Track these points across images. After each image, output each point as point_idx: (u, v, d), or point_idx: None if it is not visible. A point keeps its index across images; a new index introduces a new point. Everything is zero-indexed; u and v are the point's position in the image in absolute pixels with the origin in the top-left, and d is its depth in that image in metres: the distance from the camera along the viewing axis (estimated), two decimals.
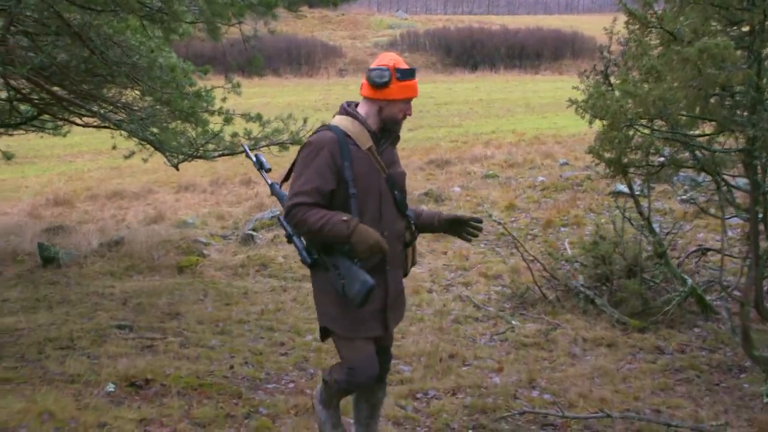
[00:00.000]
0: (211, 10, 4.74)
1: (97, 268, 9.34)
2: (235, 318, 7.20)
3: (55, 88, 8.70)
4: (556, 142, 20.16)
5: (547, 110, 27.66)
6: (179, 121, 7.98)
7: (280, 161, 7.51)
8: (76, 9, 7.73)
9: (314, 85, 39.14)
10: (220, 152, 7.92)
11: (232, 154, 8.02)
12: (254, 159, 4.25)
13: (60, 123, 10.57)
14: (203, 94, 8.17)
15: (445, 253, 9.36)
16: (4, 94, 9.36)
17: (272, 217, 10.86)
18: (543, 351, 6.35)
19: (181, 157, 7.50)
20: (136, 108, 8.41)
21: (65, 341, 6.48)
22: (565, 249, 8.75)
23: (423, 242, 9.66)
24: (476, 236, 4.21)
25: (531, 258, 7.95)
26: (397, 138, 4.07)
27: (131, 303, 7.75)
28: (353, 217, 3.69)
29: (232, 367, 5.88)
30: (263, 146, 7.98)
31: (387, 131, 3.94)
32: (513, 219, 10.75)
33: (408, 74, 3.84)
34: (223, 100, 8.33)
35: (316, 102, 31.02)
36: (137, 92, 8.21)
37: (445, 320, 7.07)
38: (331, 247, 3.75)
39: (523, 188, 12.57)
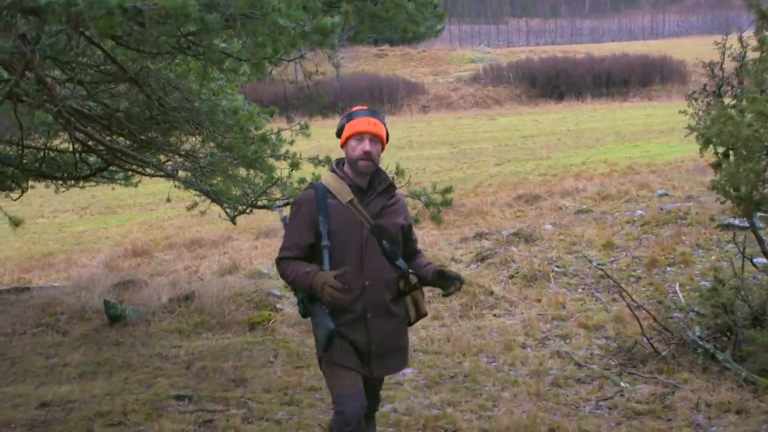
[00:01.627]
0: (254, 42, 4.10)
1: (165, 326, 8.77)
2: (306, 384, 6.46)
3: (119, 138, 8.30)
4: (651, 171, 19.09)
5: (638, 138, 26.48)
6: (243, 169, 7.36)
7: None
8: (131, 53, 7.27)
9: (397, 123, 38.61)
10: (286, 200, 7.25)
11: None
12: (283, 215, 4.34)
13: (129, 173, 10.16)
14: (269, 137, 7.56)
15: (539, 301, 8.47)
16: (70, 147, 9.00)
17: None
18: (659, 421, 5.41)
19: (240, 208, 6.84)
20: (200, 155, 7.87)
21: (117, 416, 5.86)
22: (675, 293, 7.79)
23: (514, 289, 8.81)
24: (453, 293, 4.19)
25: (637, 305, 7.04)
26: (390, 187, 4.19)
27: (195, 367, 7.11)
28: (319, 267, 3.89)
29: None
30: None
31: (376, 183, 4.11)
32: (612, 259, 9.79)
33: (355, 113, 4.05)
34: (291, 143, 7.71)
35: (399, 140, 30.48)
36: (199, 139, 7.65)
37: (542, 383, 6.19)
38: (313, 295, 3.91)
39: (621, 224, 11.57)
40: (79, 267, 14.84)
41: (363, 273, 3.95)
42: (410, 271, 4.18)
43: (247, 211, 7.05)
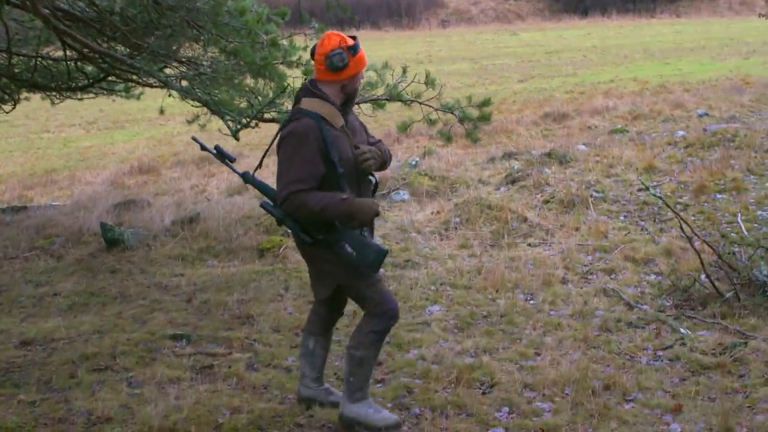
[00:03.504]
0: None
1: (167, 251, 8.02)
2: None
3: (117, 46, 7.48)
4: (685, 90, 18.13)
5: (668, 56, 25.39)
6: (250, 78, 6.48)
7: (375, 122, 5.96)
8: None
9: (415, 38, 37.42)
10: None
11: None
12: (214, 151, 4.26)
13: (130, 85, 9.35)
14: (281, 43, 6.68)
15: (578, 229, 7.63)
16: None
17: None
18: (731, 377, 4.63)
19: (244, 121, 5.97)
20: (203, 63, 7.01)
21: (105, 359, 5.13)
22: (734, 224, 6.97)
23: (549, 216, 7.98)
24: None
25: (692, 236, 6.23)
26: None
27: (197, 300, 6.36)
28: (348, 193, 3.91)
29: (309, 407, 4.40)
30: (360, 102, 6.41)
31: (348, 102, 4.12)
32: (655, 183, 8.93)
33: (357, 47, 3.98)
34: (304, 49, 6.82)
35: (418, 54, 29.44)
36: (201, 45, 6.78)
37: (589, 326, 5.41)
38: (332, 224, 3.92)
39: (661, 145, 10.69)
40: (83, 184, 14.10)
41: (361, 194, 4.06)
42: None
43: (252, 124, 6.19)
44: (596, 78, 21.32)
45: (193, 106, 6.71)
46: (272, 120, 6.42)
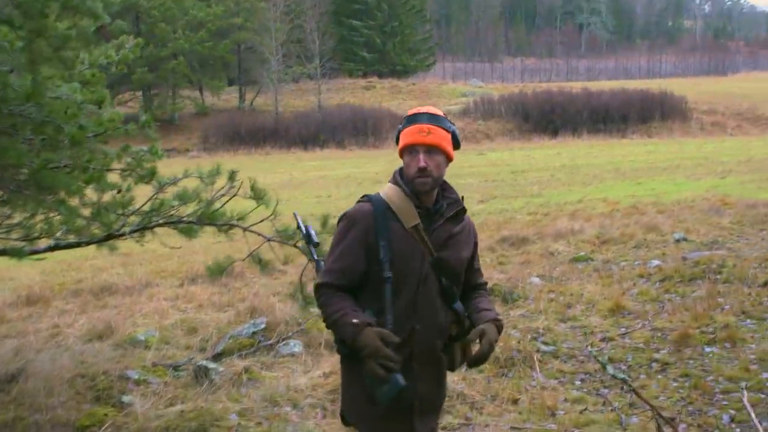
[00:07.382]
0: None
1: None
2: None
3: None
4: (659, 211, 16.39)
5: (640, 175, 23.91)
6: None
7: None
8: None
9: (379, 157, 35.98)
10: (62, 242, 4.31)
11: (94, 242, 4.42)
12: (303, 230, 3.64)
13: None
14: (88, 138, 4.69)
15: (516, 402, 5.50)
16: None
17: (254, 332, 7.19)
18: None
19: None
20: None
21: None
22: (740, 401, 4.89)
23: (479, 381, 5.85)
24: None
25: (670, 420, 4.13)
26: (461, 211, 3.27)
27: None
28: (369, 319, 3.03)
29: None
30: (155, 225, 4.38)
31: (445, 205, 3.24)
32: (623, 331, 6.89)
33: (410, 119, 3.21)
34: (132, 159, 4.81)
35: (377, 174, 27.90)
36: None
37: None
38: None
39: (632, 278, 8.70)
40: None
41: (415, 315, 3.12)
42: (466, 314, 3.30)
43: None
44: (563, 198, 19.62)
45: None
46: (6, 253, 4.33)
